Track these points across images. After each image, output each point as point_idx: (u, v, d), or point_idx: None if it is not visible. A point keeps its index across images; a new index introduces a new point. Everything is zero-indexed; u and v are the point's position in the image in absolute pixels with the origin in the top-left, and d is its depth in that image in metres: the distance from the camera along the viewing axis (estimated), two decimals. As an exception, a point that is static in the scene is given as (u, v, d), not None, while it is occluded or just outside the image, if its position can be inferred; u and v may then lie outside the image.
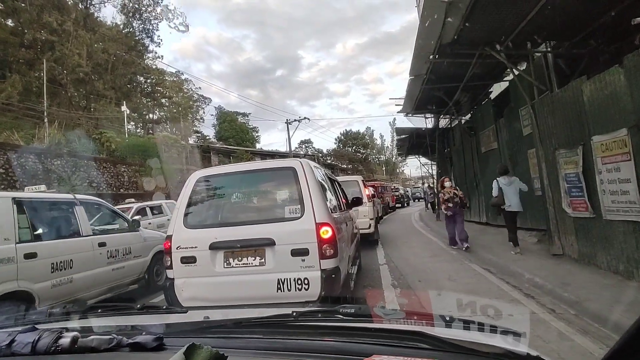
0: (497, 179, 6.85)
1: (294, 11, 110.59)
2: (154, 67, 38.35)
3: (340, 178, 7.75)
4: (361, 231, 7.42)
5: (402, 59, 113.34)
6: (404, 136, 15.53)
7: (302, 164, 3.68)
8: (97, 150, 21.02)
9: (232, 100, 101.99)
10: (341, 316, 1.12)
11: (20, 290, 3.80)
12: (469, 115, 11.68)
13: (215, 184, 3.99)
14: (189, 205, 3.75)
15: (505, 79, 9.13)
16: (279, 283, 3.32)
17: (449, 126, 14.49)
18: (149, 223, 10.30)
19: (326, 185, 4.25)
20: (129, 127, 35.44)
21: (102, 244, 5.00)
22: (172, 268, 3.55)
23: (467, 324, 1.00)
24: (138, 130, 36.45)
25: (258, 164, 4.68)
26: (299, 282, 3.30)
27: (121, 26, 33.96)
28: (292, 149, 47.87)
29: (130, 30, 34.79)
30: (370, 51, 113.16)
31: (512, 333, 0.95)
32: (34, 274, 3.99)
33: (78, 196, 5.16)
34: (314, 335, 0.97)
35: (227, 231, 3.54)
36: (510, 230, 6.81)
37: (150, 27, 36.01)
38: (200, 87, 45.73)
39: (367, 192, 9.63)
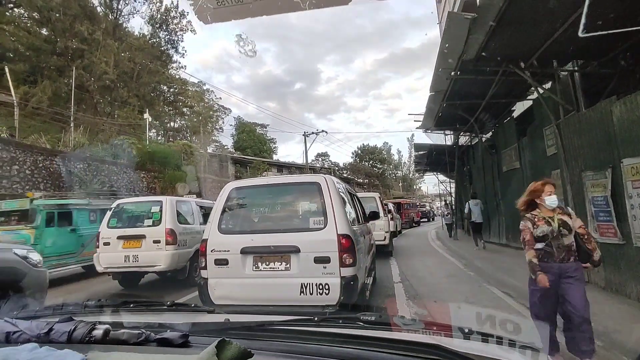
0: (469, 201, 10.93)
1: (314, 26, 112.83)
2: (177, 76, 39.42)
3: (359, 194, 8.05)
4: (377, 242, 7.78)
5: (421, 75, 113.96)
6: (422, 152, 15.36)
7: (326, 180, 3.96)
8: (119, 156, 21.49)
9: (250, 111, 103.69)
10: (362, 323, 1.14)
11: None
12: (490, 133, 11.47)
13: (247, 194, 4.34)
14: (223, 212, 4.07)
15: (529, 97, 8.94)
16: (302, 287, 3.57)
17: (469, 144, 14.26)
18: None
19: (347, 200, 4.44)
20: (150, 134, 36.37)
21: None
22: (206, 269, 3.86)
23: (485, 338, 1.01)
24: (159, 138, 37.26)
25: (286, 178, 5.10)
26: (320, 287, 3.54)
27: (148, 36, 35.07)
28: (309, 161, 48.09)
29: (157, 40, 35.88)
30: (389, 67, 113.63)
31: (530, 348, 0.95)
32: None
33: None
34: (334, 341, 0.98)
35: (257, 238, 3.84)
36: (475, 236, 10.59)
37: (176, 38, 37.12)
38: (220, 98, 46.63)
39: (386, 207, 10.27)
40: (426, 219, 29.60)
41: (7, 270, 4.25)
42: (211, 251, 3.87)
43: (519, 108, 10.04)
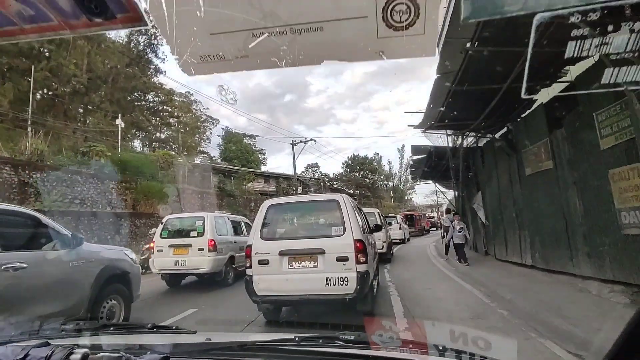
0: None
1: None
2: (160, 84, 37.38)
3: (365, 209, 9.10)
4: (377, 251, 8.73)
5: (409, 88, 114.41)
6: (420, 156, 13.33)
7: (343, 198, 4.98)
8: (85, 165, 19.24)
9: (240, 123, 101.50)
10: (341, 342, 1.18)
11: (233, 255, 8.66)
12: (505, 129, 9.55)
13: (281, 209, 5.33)
14: (263, 223, 4.97)
15: (560, 79, 7.06)
16: (327, 280, 4.49)
17: (475, 145, 12.37)
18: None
19: (357, 213, 5.23)
20: (135, 145, 34.36)
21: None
22: (251, 267, 4.75)
23: (459, 355, 1.06)
24: (145, 149, 35.17)
25: (312, 197, 7.02)
26: (341, 279, 4.46)
27: (124, 39, 33.00)
28: (299, 172, 46.24)
29: (134, 44, 33.80)
30: (378, 79, 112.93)
31: None
32: (236, 249, 8.75)
33: (241, 217, 10.82)
34: None
35: (291, 243, 4.79)
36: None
37: (156, 42, 35.04)
38: (208, 108, 44.98)
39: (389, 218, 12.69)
40: (435, 228, 33.35)
41: (122, 265, 5.10)
42: (255, 254, 4.74)
43: (542, 97, 8.11)
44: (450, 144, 12.75)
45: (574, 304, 5.35)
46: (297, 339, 1.18)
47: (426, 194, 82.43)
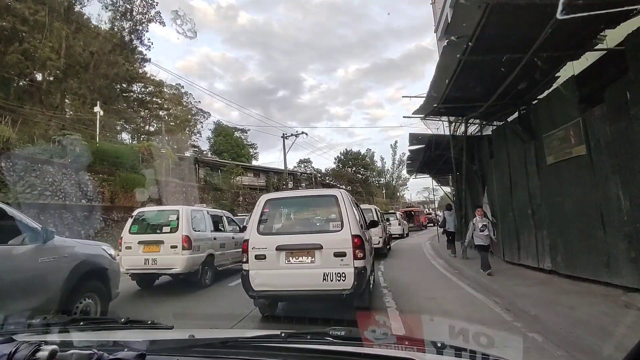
0: (444, 212, 12.20)
1: (298, 35, 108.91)
2: (146, 74, 35.70)
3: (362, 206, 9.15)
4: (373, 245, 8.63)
5: (401, 85, 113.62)
6: (419, 146, 12.04)
7: (341, 193, 4.97)
8: (58, 154, 17.82)
9: (233, 118, 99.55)
10: (331, 339, 1.11)
11: (211, 253, 7.85)
12: (516, 115, 8.31)
13: (279, 204, 5.39)
14: (260, 218, 4.94)
15: (595, 47, 5.83)
16: (324, 275, 4.44)
17: (479, 134, 11.16)
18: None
19: (355, 209, 5.19)
20: (124, 138, 33.01)
21: (233, 237, 9.04)
22: (248, 262, 4.72)
23: (459, 352, 1.00)
24: (134, 142, 33.70)
25: (310, 192, 7.35)
26: (339, 275, 4.41)
27: (107, 24, 31.22)
28: (292, 168, 45.06)
29: (118, 29, 32.02)
30: (371, 76, 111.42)
31: None
32: (215, 246, 8.10)
33: (224, 212, 10.04)
34: (302, 357, 0.99)
35: (289, 238, 4.74)
36: (449, 242, 11.49)
37: (141, 28, 33.30)
38: (200, 101, 43.50)
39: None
40: (432, 224, 34.47)
41: (99, 261, 4.84)
42: (252, 248, 4.72)
43: (566, 72, 6.90)
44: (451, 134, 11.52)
45: (623, 325, 4.15)
46: (283, 335, 1.13)
47: (418, 190, 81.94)
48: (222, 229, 8.99)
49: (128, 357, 0.87)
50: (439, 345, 1.01)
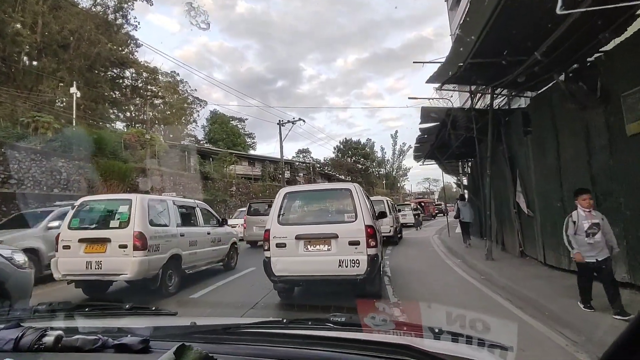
0: (458, 202, 12.18)
1: (297, 24, 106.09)
2: (134, 57, 33.44)
3: (372, 198, 9.61)
4: (384, 234, 9.78)
5: (401, 76, 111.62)
6: (431, 124, 10.01)
7: (355, 187, 5.31)
8: (26, 139, 15.95)
9: (232, 108, 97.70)
10: (331, 325, 1.13)
11: (177, 254, 6.38)
12: (564, 77, 6.29)
13: (298, 196, 5.80)
14: (280, 209, 5.31)
15: None
16: (339, 262, 4.80)
17: (507, 107, 9.18)
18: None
19: (367, 201, 5.63)
20: (118, 127, 31.26)
21: (208, 233, 7.63)
22: (269, 250, 5.06)
23: (455, 337, 1.01)
24: (127, 129, 31.76)
25: (326, 185, 7.85)
26: (353, 262, 4.76)
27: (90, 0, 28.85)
28: (290, 158, 43.27)
29: (102, 6, 29.69)
30: (370, 66, 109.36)
31: (499, 347, 0.97)
32: (183, 245, 6.59)
33: (198, 202, 8.01)
34: (303, 343, 0.96)
35: (307, 228, 5.11)
36: (464, 233, 11.23)
37: (126, 6, 30.93)
38: (196, 90, 41.53)
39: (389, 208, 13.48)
40: (441, 214, 35.91)
41: None
42: (273, 237, 5.06)
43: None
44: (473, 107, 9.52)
45: None
46: (284, 321, 1.16)
47: (418, 181, 79.98)
48: (195, 223, 7.42)
49: (132, 342, 0.88)
50: (437, 330, 1.03)
